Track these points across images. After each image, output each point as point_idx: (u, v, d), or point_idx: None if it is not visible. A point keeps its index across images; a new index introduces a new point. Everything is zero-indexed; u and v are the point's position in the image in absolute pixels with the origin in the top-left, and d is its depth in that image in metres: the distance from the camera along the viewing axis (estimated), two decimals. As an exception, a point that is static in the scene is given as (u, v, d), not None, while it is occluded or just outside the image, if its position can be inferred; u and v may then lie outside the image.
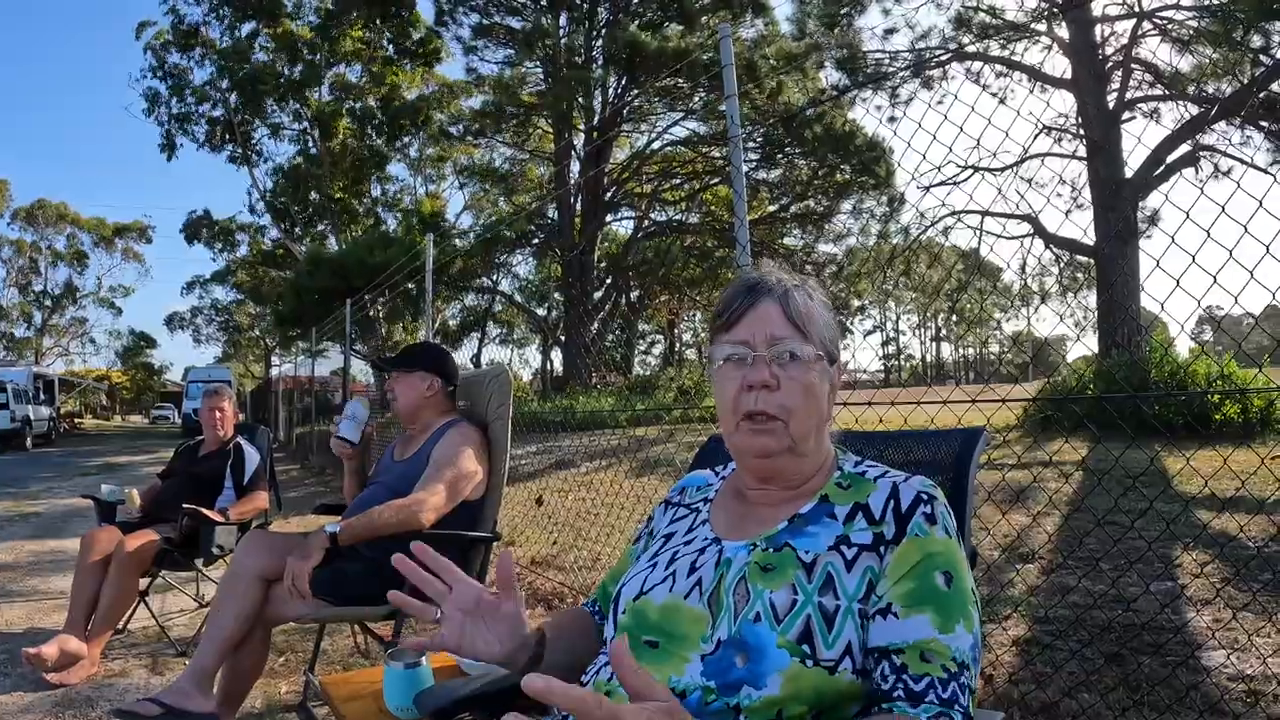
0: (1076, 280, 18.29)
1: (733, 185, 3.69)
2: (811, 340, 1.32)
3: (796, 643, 1.16)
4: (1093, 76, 15.12)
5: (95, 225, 57.60)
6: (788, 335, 1.31)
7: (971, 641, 1.15)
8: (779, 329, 1.31)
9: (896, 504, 1.27)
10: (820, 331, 1.34)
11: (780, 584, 1.22)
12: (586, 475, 9.53)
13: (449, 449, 3.06)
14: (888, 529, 1.24)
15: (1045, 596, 4.22)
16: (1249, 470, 5.60)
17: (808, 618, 1.18)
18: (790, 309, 1.32)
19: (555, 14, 27.10)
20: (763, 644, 1.16)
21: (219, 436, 4.88)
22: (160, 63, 33.95)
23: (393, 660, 1.88)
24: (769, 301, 1.33)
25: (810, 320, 1.33)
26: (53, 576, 6.17)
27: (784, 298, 1.34)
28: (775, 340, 1.31)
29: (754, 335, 1.32)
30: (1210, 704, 2.93)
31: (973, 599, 1.20)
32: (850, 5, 17.03)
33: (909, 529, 1.23)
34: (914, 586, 1.18)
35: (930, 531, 1.23)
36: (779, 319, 1.32)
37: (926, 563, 1.20)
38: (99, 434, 39.75)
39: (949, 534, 1.24)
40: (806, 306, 1.34)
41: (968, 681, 1.13)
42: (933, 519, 1.24)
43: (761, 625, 1.18)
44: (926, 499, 1.26)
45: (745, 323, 1.33)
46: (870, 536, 1.25)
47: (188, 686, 2.60)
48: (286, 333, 27.33)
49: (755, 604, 1.20)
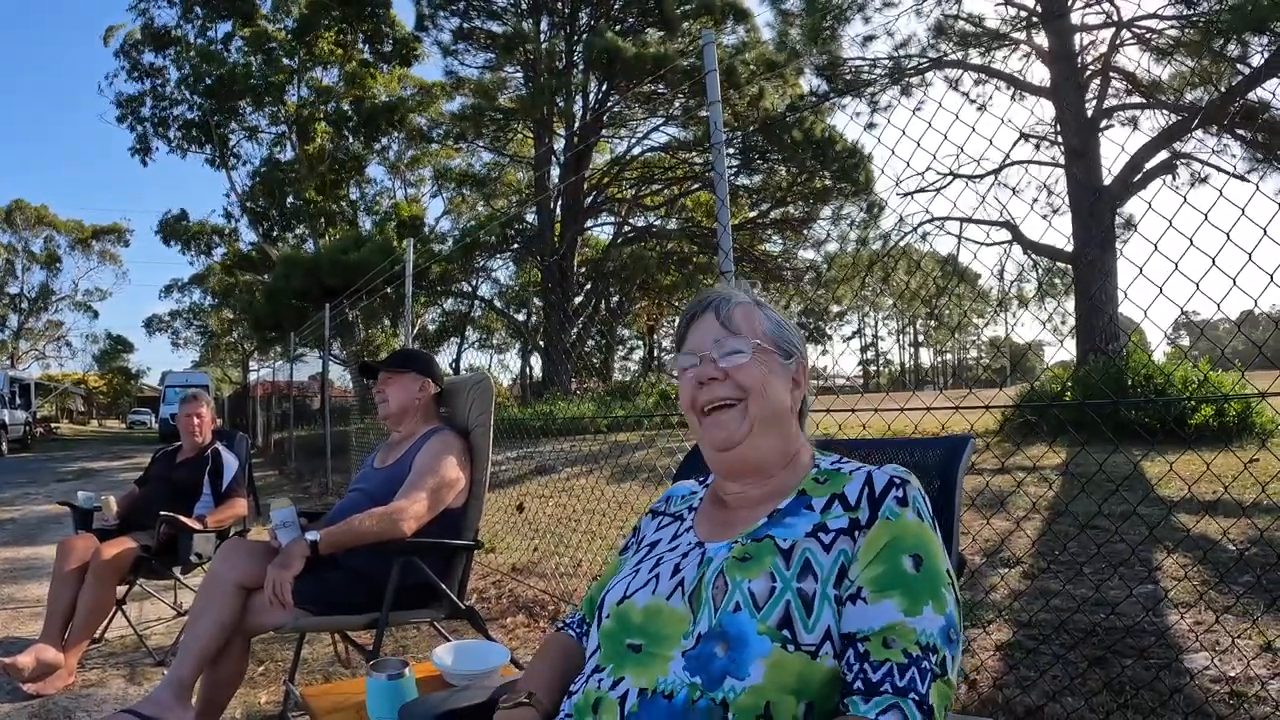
0: (1055, 286, 18.39)
1: (715, 192, 3.68)
2: (749, 336, 1.43)
3: (777, 628, 1.17)
4: (1072, 84, 15.21)
5: (73, 228, 57.14)
6: (723, 335, 1.44)
7: (943, 623, 1.16)
8: (716, 332, 1.44)
9: (870, 489, 1.30)
10: (762, 329, 1.46)
11: (758, 572, 1.24)
12: (567, 481, 9.51)
13: (431, 456, 3.04)
14: (862, 514, 1.28)
15: (1028, 601, 4.23)
16: (1227, 475, 5.64)
17: (787, 603, 1.19)
18: (724, 315, 1.45)
19: (536, 19, 27.13)
20: (743, 632, 1.18)
21: (197, 443, 4.83)
22: (133, 64, 33.67)
23: (376, 671, 1.86)
24: (709, 313, 1.48)
25: (748, 320, 1.46)
26: (29, 584, 6.11)
27: (720, 307, 1.47)
28: (714, 342, 1.43)
29: (698, 343, 1.45)
30: (1194, 706, 2.94)
31: (946, 581, 1.20)
32: (834, 17, 17.07)
33: (880, 512, 1.26)
34: (881, 570, 1.20)
35: (900, 514, 1.25)
36: (717, 325, 1.45)
37: (895, 545, 1.22)
38: (75, 439, 39.40)
39: (920, 517, 1.26)
40: (744, 311, 1.47)
41: (932, 665, 1.13)
42: (904, 501, 1.27)
43: (741, 614, 1.20)
44: (899, 483, 1.30)
45: (692, 334, 1.49)
46: (846, 521, 1.27)
47: (166, 697, 2.56)
48: (264, 337, 27.21)
49: (734, 594, 1.22)
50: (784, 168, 25.21)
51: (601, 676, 1.27)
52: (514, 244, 29.02)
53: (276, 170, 33.05)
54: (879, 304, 58.04)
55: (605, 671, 1.27)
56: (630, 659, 1.26)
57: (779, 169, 25.56)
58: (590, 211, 28.49)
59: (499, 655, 2.25)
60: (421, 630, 4.53)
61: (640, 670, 1.23)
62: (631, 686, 1.21)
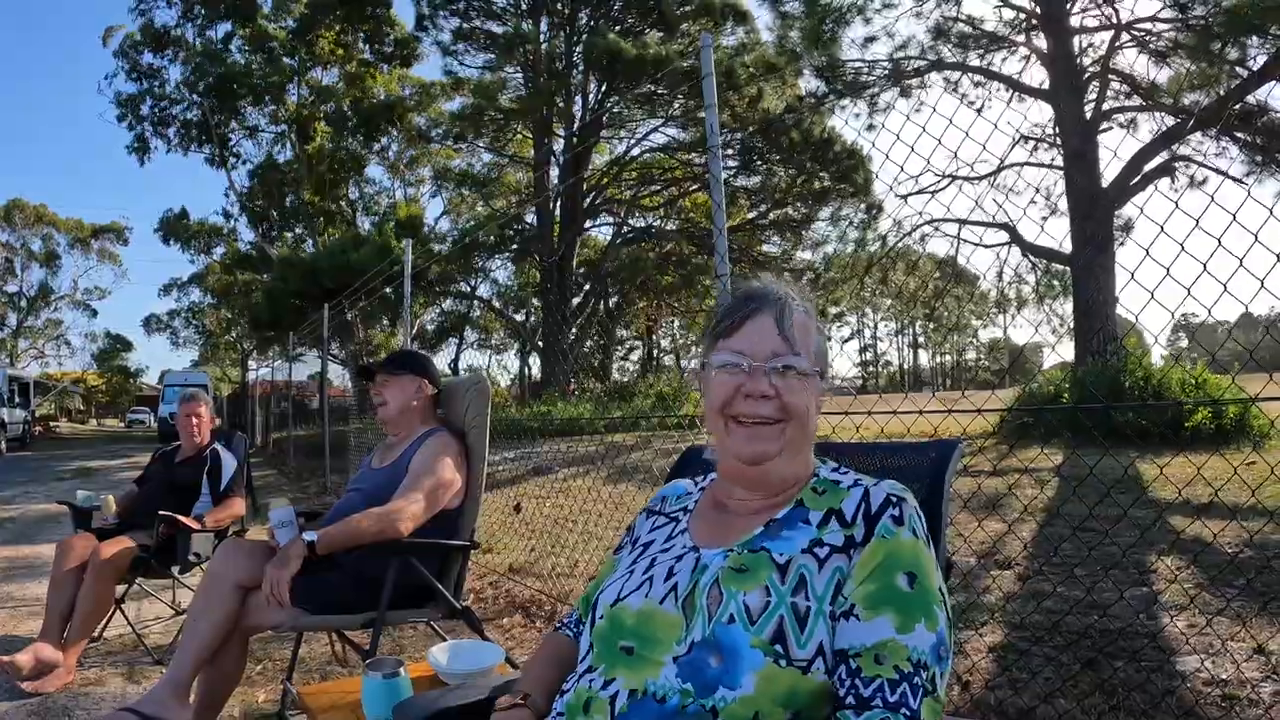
0: (1053, 288, 18.42)
1: (711, 195, 3.70)
2: (806, 355, 1.37)
3: (770, 643, 1.18)
4: (1070, 87, 15.22)
5: (73, 226, 57.04)
6: (785, 351, 1.35)
7: (934, 640, 1.17)
8: (776, 344, 1.36)
9: (867, 507, 1.30)
10: (813, 346, 1.40)
11: (753, 586, 1.24)
12: (564, 481, 9.52)
13: (429, 457, 3.05)
14: (858, 531, 1.28)
15: (1021, 603, 4.24)
16: (1221, 478, 5.65)
17: (780, 619, 1.20)
18: (786, 324, 1.38)
19: (536, 19, 27.08)
20: (736, 645, 1.18)
21: (196, 443, 4.85)
22: (132, 65, 33.62)
23: (371, 670, 1.88)
24: (767, 314, 1.38)
25: (806, 335, 1.39)
26: (28, 583, 6.12)
27: (782, 311, 1.38)
28: (774, 355, 1.35)
29: (752, 347, 1.37)
30: (1186, 709, 2.96)
31: (939, 599, 1.21)
32: (833, 19, 17.07)
33: (876, 530, 1.26)
34: (875, 588, 1.20)
35: (896, 532, 1.25)
36: (777, 334, 1.37)
37: (889, 563, 1.22)
38: (74, 438, 39.39)
39: (915, 535, 1.26)
40: (803, 323, 1.40)
41: (923, 682, 1.14)
42: (900, 520, 1.27)
43: (735, 626, 1.20)
44: (895, 501, 1.30)
45: (744, 333, 1.38)
46: (842, 539, 1.28)
47: (164, 695, 2.58)
48: (262, 336, 27.20)
49: (729, 606, 1.23)
50: (783, 169, 25.18)
51: (593, 677, 1.28)
52: (513, 244, 28.99)
53: (275, 169, 33.00)
54: (877, 305, 58.03)
55: (597, 672, 1.28)
56: (622, 660, 1.27)
57: (778, 170, 25.52)
58: (589, 212, 28.47)
59: (494, 655, 2.27)
60: (418, 630, 4.55)
61: (632, 672, 1.24)
62: (622, 688, 1.22)
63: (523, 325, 33.08)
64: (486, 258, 29.32)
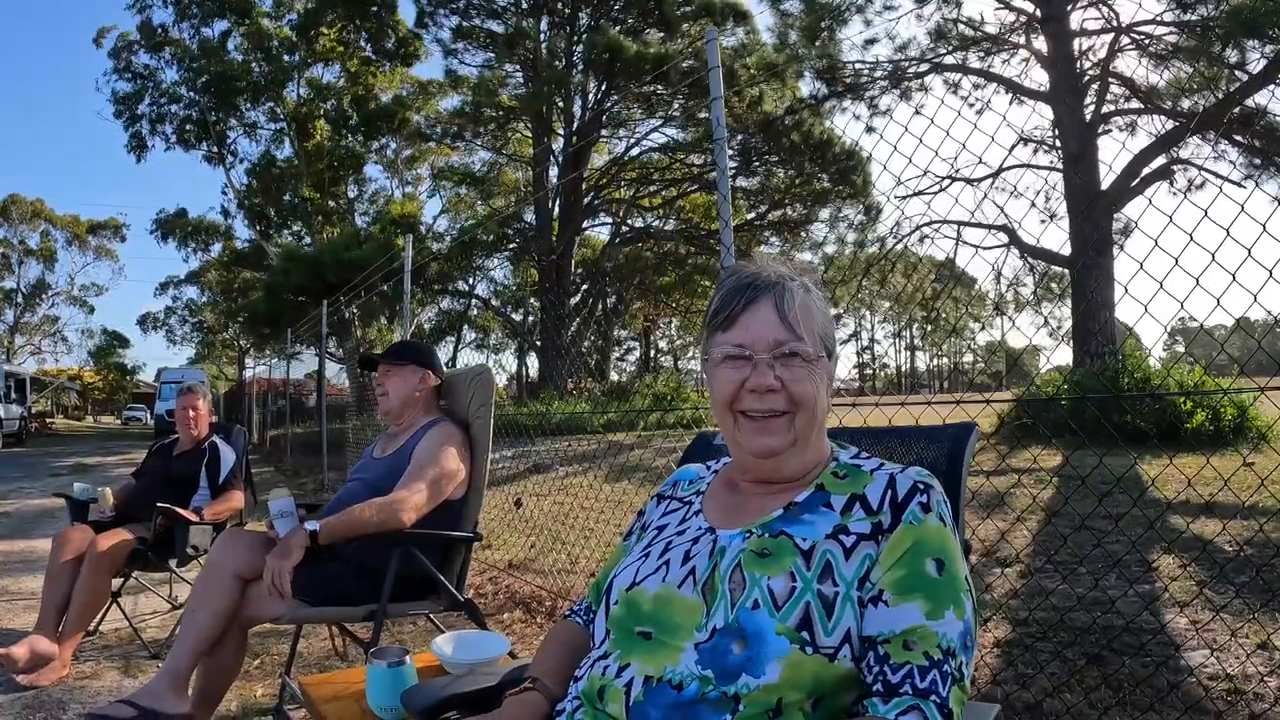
0: (1051, 290, 18.42)
1: (718, 188, 3.68)
2: (810, 339, 1.32)
3: (796, 630, 1.15)
4: (1070, 89, 15.23)
5: (70, 223, 57.02)
6: (787, 338, 1.30)
7: (962, 628, 1.15)
8: (778, 332, 1.31)
9: (893, 494, 1.27)
10: (817, 327, 1.34)
11: (778, 571, 1.21)
12: (564, 479, 9.50)
13: (432, 447, 3.02)
14: (885, 518, 1.25)
15: (1026, 599, 4.23)
16: (1221, 477, 5.65)
17: (807, 605, 1.17)
18: (786, 309, 1.32)
19: (536, 18, 27.09)
20: (761, 631, 1.16)
21: (193, 436, 4.82)
22: (127, 65, 33.60)
23: (376, 659, 1.85)
24: (766, 300, 1.33)
25: (808, 316, 1.34)
26: (23, 577, 6.09)
27: (780, 296, 1.33)
28: (775, 345, 1.30)
29: (753, 338, 1.31)
30: (1191, 703, 2.95)
31: (966, 587, 1.19)
32: (832, 18, 17.07)
33: (904, 517, 1.24)
34: (904, 574, 1.18)
35: (925, 519, 1.23)
36: (777, 321, 1.32)
37: (918, 549, 1.20)
38: (70, 434, 39.31)
39: (943, 522, 1.25)
40: (804, 302, 1.34)
41: (952, 670, 1.12)
42: (927, 507, 1.25)
43: (760, 612, 1.17)
44: (923, 488, 1.27)
45: (742, 324, 1.33)
46: (869, 526, 1.25)
47: (162, 687, 2.55)
48: (260, 333, 27.17)
49: (753, 591, 1.20)
50: (782, 170, 25.21)
51: (608, 663, 1.25)
52: (511, 243, 28.99)
53: (274, 166, 32.99)
54: (876, 306, 58.09)
55: (612, 658, 1.25)
56: (639, 646, 1.24)
57: (777, 171, 25.55)
58: (588, 212, 28.48)
59: (499, 645, 2.24)
60: (419, 624, 4.53)
61: (648, 658, 1.21)
62: (638, 674, 1.20)
63: (521, 324, 33.07)
64: (485, 256, 29.33)
